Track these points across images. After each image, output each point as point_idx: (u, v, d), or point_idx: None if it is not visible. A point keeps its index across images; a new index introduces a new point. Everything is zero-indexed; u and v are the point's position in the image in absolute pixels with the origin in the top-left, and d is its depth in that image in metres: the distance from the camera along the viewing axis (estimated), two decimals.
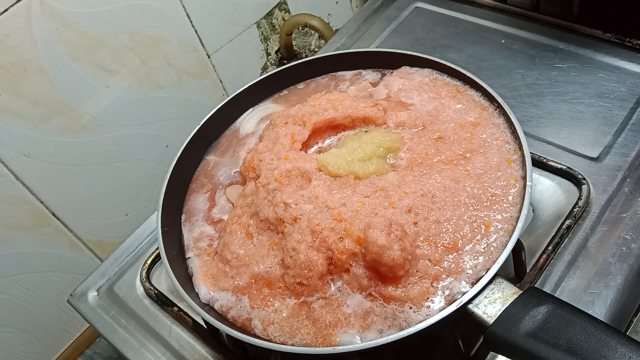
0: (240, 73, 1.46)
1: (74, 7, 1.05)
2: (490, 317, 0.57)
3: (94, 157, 1.22)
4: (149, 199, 1.36)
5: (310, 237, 0.66)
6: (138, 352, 0.85)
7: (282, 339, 0.65)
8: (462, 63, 0.82)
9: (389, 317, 0.63)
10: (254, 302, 0.68)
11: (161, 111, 1.31)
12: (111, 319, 0.90)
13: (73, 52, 1.09)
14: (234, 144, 0.89)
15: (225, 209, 0.81)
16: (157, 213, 0.77)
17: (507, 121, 0.75)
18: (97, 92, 1.17)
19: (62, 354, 1.39)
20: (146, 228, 1.01)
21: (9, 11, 0.98)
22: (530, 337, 0.54)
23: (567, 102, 0.97)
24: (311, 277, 0.65)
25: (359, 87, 0.88)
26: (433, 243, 0.65)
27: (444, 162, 0.72)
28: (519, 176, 0.69)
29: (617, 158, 0.88)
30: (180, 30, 1.26)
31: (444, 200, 0.68)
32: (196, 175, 0.87)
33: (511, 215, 0.66)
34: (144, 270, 0.92)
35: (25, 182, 1.12)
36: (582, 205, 0.82)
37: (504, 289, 0.59)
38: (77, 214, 1.24)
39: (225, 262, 0.72)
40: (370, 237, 0.61)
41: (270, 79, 0.92)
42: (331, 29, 1.36)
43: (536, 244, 0.80)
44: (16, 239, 1.17)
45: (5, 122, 1.05)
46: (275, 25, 1.48)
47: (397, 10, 1.25)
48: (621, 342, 0.51)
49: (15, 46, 1.01)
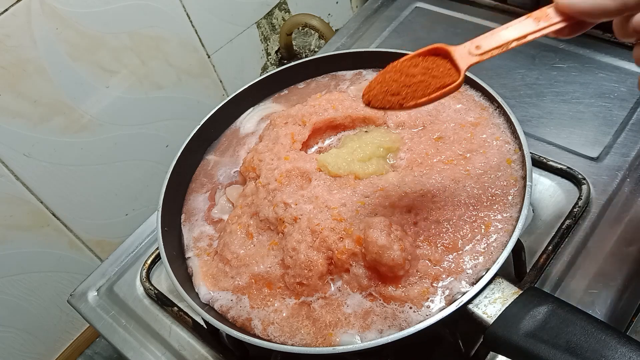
0: (240, 73, 1.46)
1: (74, 7, 1.05)
2: (490, 317, 0.57)
3: (94, 157, 1.22)
4: (149, 199, 1.36)
5: (310, 237, 0.66)
6: (138, 352, 0.85)
7: (282, 339, 0.65)
8: None
9: (389, 317, 0.63)
10: (254, 302, 0.68)
11: (161, 111, 1.31)
12: (111, 319, 0.90)
13: (73, 52, 1.09)
14: (234, 144, 0.89)
15: (225, 209, 0.81)
16: (157, 213, 0.77)
17: (507, 121, 0.75)
18: (97, 92, 1.17)
19: (62, 354, 1.39)
20: (146, 228, 1.01)
21: (9, 11, 0.98)
22: (530, 337, 0.54)
23: (567, 102, 0.97)
24: (311, 277, 0.65)
25: (359, 87, 0.88)
26: (433, 243, 0.65)
27: (444, 162, 0.72)
28: (519, 176, 0.69)
29: (617, 158, 0.88)
30: (180, 30, 1.26)
31: (444, 200, 0.68)
32: (196, 175, 0.87)
33: (511, 215, 0.66)
34: (144, 270, 0.92)
35: (25, 182, 1.12)
36: (582, 205, 0.82)
37: (504, 289, 0.59)
38: (77, 214, 1.24)
39: (225, 262, 0.72)
40: (370, 237, 0.61)
41: (271, 79, 0.92)
42: (331, 29, 1.36)
43: (536, 244, 0.80)
44: (16, 239, 1.17)
45: (5, 122, 1.05)
46: (275, 25, 1.48)
47: (397, 10, 1.25)
48: (621, 342, 0.51)
49: (15, 46, 1.01)
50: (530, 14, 0.56)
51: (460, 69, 0.57)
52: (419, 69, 0.58)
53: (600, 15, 0.52)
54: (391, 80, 0.58)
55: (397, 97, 0.58)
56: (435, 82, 0.57)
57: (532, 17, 0.56)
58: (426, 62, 0.59)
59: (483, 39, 0.57)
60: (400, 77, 0.58)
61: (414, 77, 0.58)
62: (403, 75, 0.58)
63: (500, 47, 0.56)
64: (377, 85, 0.59)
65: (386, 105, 0.58)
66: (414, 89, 0.57)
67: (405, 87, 0.58)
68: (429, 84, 0.57)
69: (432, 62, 0.58)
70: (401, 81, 0.58)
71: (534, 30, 0.56)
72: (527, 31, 0.56)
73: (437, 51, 0.59)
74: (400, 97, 0.58)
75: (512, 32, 0.56)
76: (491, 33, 0.57)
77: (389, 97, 0.58)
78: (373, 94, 0.59)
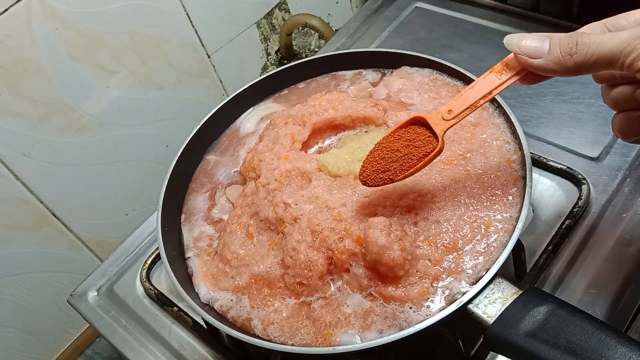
0: (240, 73, 1.46)
1: (74, 7, 1.06)
2: (490, 317, 0.57)
3: (94, 157, 1.22)
4: (149, 199, 1.36)
5: (310, 237, 0.66)
6: (138, 352, 0.85)
7: (282, 339, 0.65)
8: (462, 63, 0.82)
9: (389, 317, 0.63)
10: (253, 302, 0.68)
11: (161, 111, 1.31)
12: (111, 319, 0.90)
13: (73, 52, 1.09)
14: (234, 144, 0.89)
15: (225, 209, 0.81)
16: (157, 213, 0.77)
17: (507, 121, 0.75)
18: (97, 92, 1.17)
19: (62, 354, 1.39)
20: (146, 228, 1.01)
21: (9, 11, 0.98)
22: (530, 337, 0.54)
23: (567, 102, 0.97)
24: (311, 277, 0.65)
25: (359, 87, 0.88)
26: (433, 243, 0.65)
27: (444, 162, 0.72)
28: (519, 176, 0.69)
29: (617, 158, 0.88)
30: (180, 30, 1.26)
31: (444, 200, 0.68)
32: (196, 174, 0.87)
33: (511, 215, 0.66)
34: (144, 270, 0.92)
35: (25, 182, 1.12)
36: (582, 205, 0.82)
37: (504, 289, 0.59)
38: (77, 214, 1.24)
39: (225, 262, 0.72)
40: (370, 237, 0.61)
41: (271, 79, 0.92)
42: (331, 29, 1.36)
43: (536, 244, 0.80)
44: (16, 239, 1.17)
45: (5, 122, 1.05)
46: (275, 25, 1.48)
47: (397, 10, 1.25)
48: (621, 342, 0.51)
49: (15, 46, 1.01)
50: (493, 68, 0.60)
51: (438, 136, 0.62)
52: (402, 142, 0.64)
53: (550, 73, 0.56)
54: (379, 159, 0.65)
55: (387, 173, 0.64)
56: (418, 152, 0.63)
57: (495, 71, 0.60)
58: (407, 134, 0.64)
59: (454, 102, 0.62)
60: (387, 154, 0.64)
61: (399, 152, 0.64)
62: (389, 152, 0.64)
63: (469, 108, 0.61)
64: (368, 166, 0.65)
65: (380, 183, 0.64)
66: (400, 163, 0.63)
67: (392, 162, 0.64)
68: (413, 155, 0.63)
69: (412, 133, 0.64)
70: (388, 158, 0.64)
71: (498, 85, 0.60)
72: (492, 87, 0.60)
73: (416, 120, 0.64)
74: (390, 174, 0.64)
75: (478, 91, 0.61)
76: (460, 95, 0.62)
77: (381, 174, 0.64)
78: (367, 174, 0.65)
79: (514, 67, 0.59)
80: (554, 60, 0.53)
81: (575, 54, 0.52)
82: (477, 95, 0.61)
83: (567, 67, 0.53)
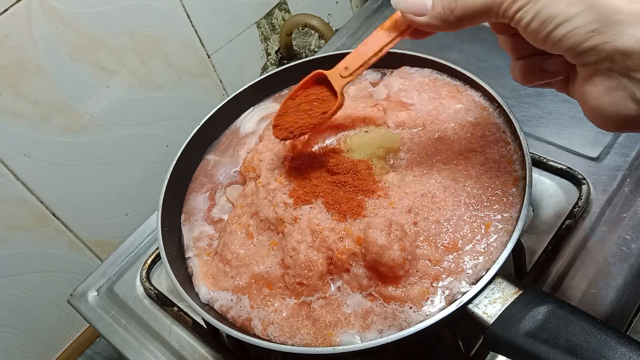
0: (240, 73, 1.46)
1: (74, 7, 1.06)
2: (490, 317, 0.57)
3: (94, 157, 1.22)
4: (149, 199, 1.36)
5: (310, 237, 0.66)
6: (138, 352, 0.85)
7: (282, 339, 0.65)
8: (462, 63, 0.82)
9: (389, 317, 0.63)
10: (253, 302, 0.68)
11: (161, 111, 1.31)
12: (111, 319, 0.90)
13: (73, 52, 1.09)
14: (234, 144, 0.89)
15: (225, 209, 0.81)
16: (157, 213, 0.77)
17: (507, 121, 0.75)
18: (97, 92, 1.17)
19: (62, 354, 1.39)
20: (146, 228, 1.01)
21: (9, 11, 0.98)
22: (530, 337, 0.54)
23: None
24: (311, 277, 0.65)
25: (359, 87, 0.88)
26: (433, 243, 0.65)
27: (444, 162, 0.72)
28: (519, 176, 0.69)
29: (617, 158, 0.88)
30: (180, 30, 1.26)
31: (444, 200, 0.68)
32: (196, 174, 0.87)
33: (511, 215, 0.66)
34: (144, 270, 0.92)
35: (25, 182, 1.12)
36: (582, 205, 0.82)
37: (504, 289, 0.59)
38: (77, 214, 1.24)
39: (225, 262, 0.72)
40: (370, 237, 0.61)
41: (271, 79, 0.92)
42: (331, 29, 1.36)
43: (536, 244, 0.80)
44: (16, 239, 1.17)
45: (5, 122, 1.05)
46: (275, 25, 1.48)
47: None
48: (621, 342, 0.51)
49: (15, 46, 1.01)
50: (382, 25, 0.62)
51: (337, 92, 0.67)
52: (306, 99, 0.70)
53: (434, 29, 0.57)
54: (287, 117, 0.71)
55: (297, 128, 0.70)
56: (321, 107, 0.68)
57: (384, 28, 0.62)
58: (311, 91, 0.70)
59: (350, 59, 0.66)
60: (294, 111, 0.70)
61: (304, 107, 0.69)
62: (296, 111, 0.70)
63: (363, 65, 0.65)
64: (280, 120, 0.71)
65: (289, 137, 0.70)
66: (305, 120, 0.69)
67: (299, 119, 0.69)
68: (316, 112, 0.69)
69: (315, 90, 0.69)
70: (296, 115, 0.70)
71: (388, 42, 0.63)
72: (382, 44, 0.63)
73: (318, 76, 0.69)
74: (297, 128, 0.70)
75: (370, 48, 0.64)
76: (356, 51, 0.65)
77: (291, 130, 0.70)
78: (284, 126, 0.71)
79: (402, 24, 0.61)
80: (437, 17, 0.55)
81: (455, 9, 0.53)
82: (370, 52, 0.64)
83: (449, 22, 0.54)
